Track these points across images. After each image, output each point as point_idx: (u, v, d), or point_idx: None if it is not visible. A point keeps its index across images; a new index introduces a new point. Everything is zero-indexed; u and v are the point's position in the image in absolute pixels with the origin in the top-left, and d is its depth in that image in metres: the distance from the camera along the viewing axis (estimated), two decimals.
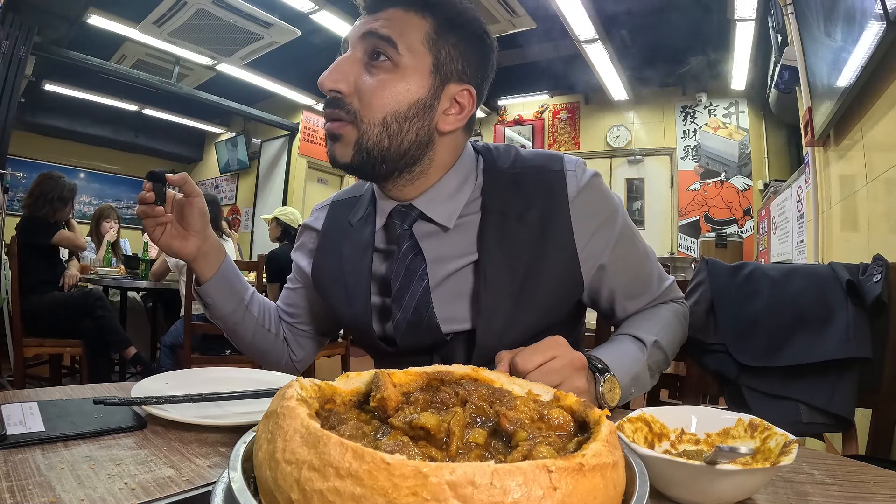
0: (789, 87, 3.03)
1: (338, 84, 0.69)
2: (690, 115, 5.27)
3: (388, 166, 0.71)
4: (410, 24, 0.69)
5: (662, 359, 0.80)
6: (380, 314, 0.79)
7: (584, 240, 0.75)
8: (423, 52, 0.69)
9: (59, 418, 0.54)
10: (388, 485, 0.23)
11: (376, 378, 0.37)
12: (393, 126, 0.69)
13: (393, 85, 0.68)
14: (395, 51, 0.68)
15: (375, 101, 0.68)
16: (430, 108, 0.71)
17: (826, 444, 1.39)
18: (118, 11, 4.17)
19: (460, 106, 0.73)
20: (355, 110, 0.69)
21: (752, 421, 0.50)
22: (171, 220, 0.77)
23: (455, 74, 0.72)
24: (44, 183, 2.81)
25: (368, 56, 0.69)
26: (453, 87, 0.72)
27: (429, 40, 0.70)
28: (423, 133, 0.71)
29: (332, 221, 0.89)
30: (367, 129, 0.68)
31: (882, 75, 1.67)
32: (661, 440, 0.51)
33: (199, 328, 2.54)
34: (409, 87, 0.69)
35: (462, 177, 0.77)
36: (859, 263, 1.07)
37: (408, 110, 0.69)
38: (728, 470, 0.40)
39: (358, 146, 0.69)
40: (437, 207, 0.75)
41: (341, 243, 0.84)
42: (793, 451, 0.43)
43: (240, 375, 0.76)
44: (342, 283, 0.81)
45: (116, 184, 7.53)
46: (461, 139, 0.78)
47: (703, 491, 0.43)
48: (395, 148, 0.70)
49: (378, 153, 0.70)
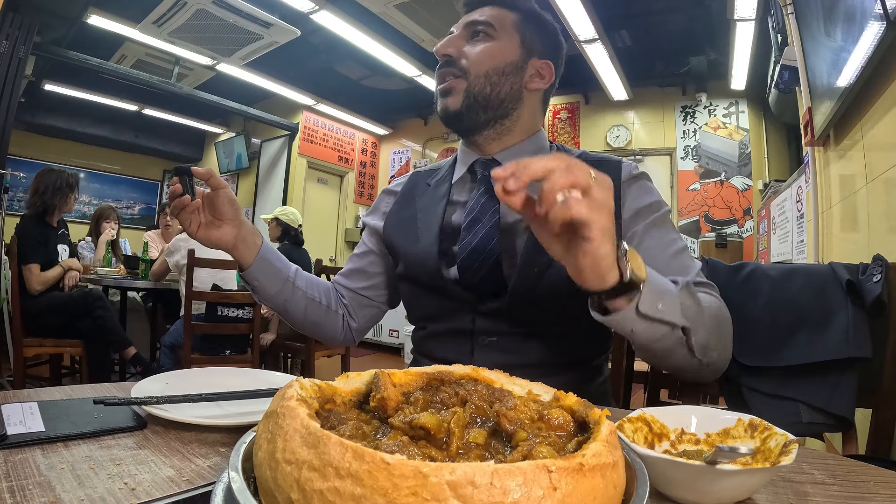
0: (789, 87, 3.03)
1: (448, 49, 0.88)
2: (690, 115, 5.26)
3: (488, 113, 0.88)
4: (501, 14, 0.89)
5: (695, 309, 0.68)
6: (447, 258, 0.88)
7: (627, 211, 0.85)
8: (513, 31, 0.89)
9: (59, 418, 0.54)
10: (388, 485, 0.23)
11: (376, 378, 0.37)
12: (494, 77, 0.86)
13: (492, 49, 0.87)
14: (492, 28, 0.88)
15: (481, 58, 0.87)
16: (521, 69, 0.89)
17: (826, 444, 1.39)
18: (118, 11, 4.17)
19: (542, 75, 0.91)
20: (464, 67, 0.87)
21: (752, 421, 0.49)
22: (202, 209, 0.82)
23: (537, 51, 0.91)
24: (45, 176, 2.82)
25: (470, 35, 0.89)
26: (537, 61, 0.90)
27: (516, 24, 0.89)
28: (516, 87, 0.89)
29: (411, 185, 1.02)
30: (475, 79, 0.86)
31: (882, 75, 1.67)
32: (661, 440, 0.50)
33: (199, 328, 2.54)
34: (504, 51, 0.87)
35: (538, 146, 0.93)
36: (859, 263, 1.07)
37: (504, 67, 0.87)
38: (728, 470, 0.40)
39: (466, 94, 0.86)
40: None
41: (417, 199, 0.97)
42: (793, 450, 0.43)
43: (240, 375, 0.76)
44: (412, 228, 0.93)
45: (116, 184, 7.53)
46: (538, 111, 0.95)
47: (703, 491, 0.42)
48: (495, 96, 0.87)
49: (482, 99, 0.86)
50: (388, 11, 3.84)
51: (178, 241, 2.96)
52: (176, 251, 2.90)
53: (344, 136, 6.85)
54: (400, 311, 1.08)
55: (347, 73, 5.57)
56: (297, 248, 3.43)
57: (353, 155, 6.94)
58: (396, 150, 6.98)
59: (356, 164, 6.96)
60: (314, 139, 6.51)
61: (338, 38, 4.24)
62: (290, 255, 3.17)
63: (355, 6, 3.82)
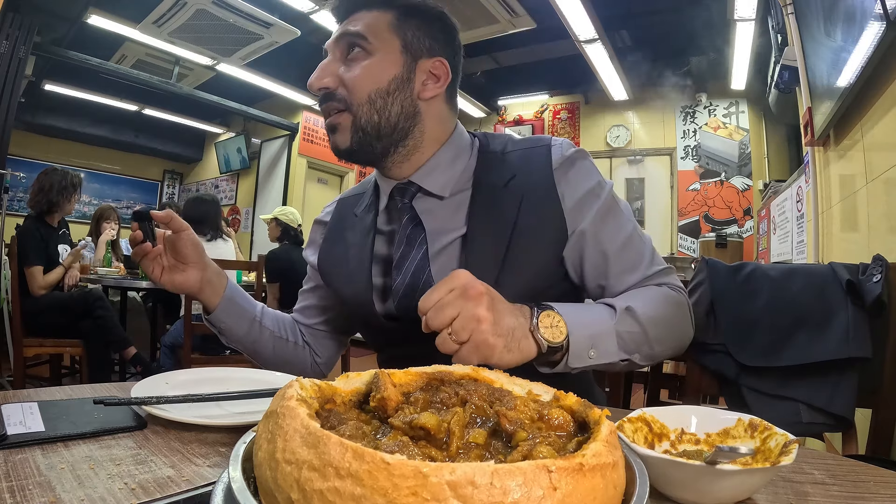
0: (789, 87, 3.03)
1: (323, 81, 0.78)
2: (690, 115, 5.27)
3: (384, 142, 0.79)
4: (375, 18, 0.78)
5: (638, 331, 0.72)
6: (381, 293, 0.83)
7: (569, 203, 0.79)
8: (391, 37, 0.78)
9: (59, 418, 0.54)
10: (388, 485, 0.23)
11: (376, 378, 0.37)
12: (378, 102, 0.77)
13: (370, 68, 0.77)
14: (365, 41, 0.77)
15: (358, 83, 0.76)
16: (408, 80, 0.78)
17: (826, 444, 1.39)
18: (118, 11, 4.17)
19: (436, 76, 0.81)
20: (344, 97, 0.77)
21: (752, 421, 0.49)
22: (164, 253, 0.80)
23: (424, 51, 0.80)
24: (49, 175, 2.83)
25: (344, 53, 0.79)
26: (426, 63, 0.80)
27: (393, 27, 0.78)
28: (408, 103, 0.79)
29: (339, 216, 0.95)
30: (358, 109, 0.77)
31: (882, 75, 1.67)
32: (661, 440, 0.51)
33: (199, 328, 2.53)
34: (384, 66, 0.77)
35: (455, 152, 0.84)
36: (859, 263, 1.07)
37: (388, 85, 0.77)
38: (728, 470, 0.40)
39: (354, 128, 0.78)
40: (433, 179, 0.82)
41: (346, 233, 0.91)
42: (793, 450, 0.43)
43: (240, 375, 0.76)
44: (345, 266, 0.87)
45: (116, 184, 7.53)
46: (446, 112, 0.84)
47: (703, 491, 0.42)
48: (385, 121, 0.77)
49: (371, 129, 0.77)
50: None
51: None
52: None
53: None
54: None
55: None
56: (297, 247, 3.43)
57: None
58: None
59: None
60: (314, 139, 6.50)
61: None
62: (290, 255, 3.16)
63: None
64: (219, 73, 5.15)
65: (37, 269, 2.65)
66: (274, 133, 6.58)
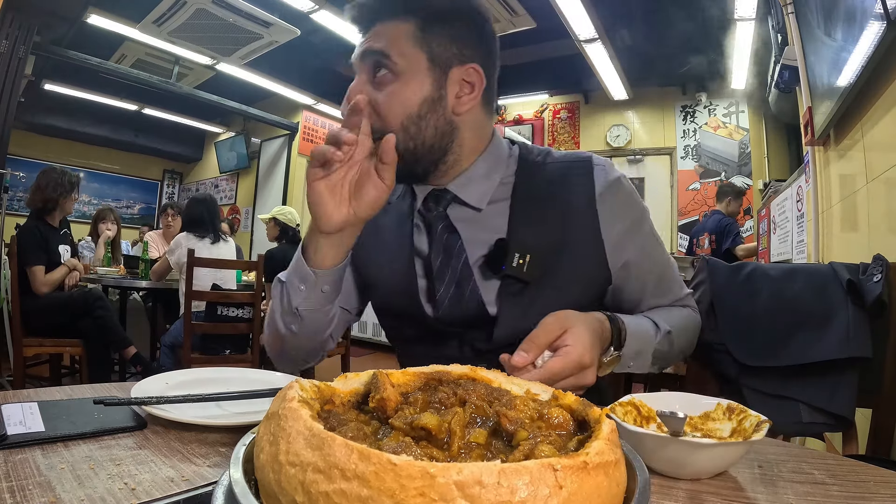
0: (789, 86, 3.03)
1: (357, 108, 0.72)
2: (690, 114, 5.27)
3: (423, 163, 0.76)
4: (396, 31, 0.73)
5: (667, 350, 0.79)
6: (426, 294, 0.80)
7: (612, 235, 0.78)
8: (416, 52, 0.73)
9: (59, 418, 0.53)
10: (396, 486, 0.23)
11: (375, 379, 0.37)
12: (411, 128, 0.73)
13: (399, 93, 0.72)
14: (390, 60, 0.72)
15: (388, 113, 0.72)
16: (440, 99, 0.74)
17: (826, 444, 1.39)
18: (118, 11, 4.17)
19: (470, 85, 0.76)
20: (377, 127, 0.72)
21: (730, 405, 0.54)
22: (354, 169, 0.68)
23: (454, 59, 0.75)
24: (47, 174, 2.84)
25: (372, 73, 0.74)
26: (457, 72, 0.75)
27: (417, 40, 0.73)
28: (442, 123, 0.75)
29: None
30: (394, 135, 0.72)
31: (882, 75, 1.67)
32: (648, 423, 0.54)
33: (199, 328, 2.54)
34: (413, 88, 0.72)
35: (493, 161, 0.81)
36: (859, 263, 1.07)
37: (419, 109, 0.73)
38: (701, 443, 0.45)
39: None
40: (470, 190, 0.79)
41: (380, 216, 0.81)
42: (764, 428, 0.47)
43: (240, 375, 0.76)
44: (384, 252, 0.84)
45: (116, 183, 7.53)
46: (483, 119, 0.81)
47: (680, 463, 0.47)
48: (421, 146, 0.74)
49: (409, 156, 0.73)
50: None
51: (179, 238, 2.96)
52: (177, 248, 2.91)
53: None
54: None
55: (347, 73, 5.54)
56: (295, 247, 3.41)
57: None
58: None
59: None
60: (314, 139, 6.50)
61: (338, 38, 4.24)
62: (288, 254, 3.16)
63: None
64: (218, 72, 5.15)
65: (38, 268, 2.66)
66: (274, 133, 6.58)
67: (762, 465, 0.52)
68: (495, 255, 0.76)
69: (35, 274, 2.64)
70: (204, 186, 7.68)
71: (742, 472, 0.50)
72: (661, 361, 0.80)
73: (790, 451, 0.57)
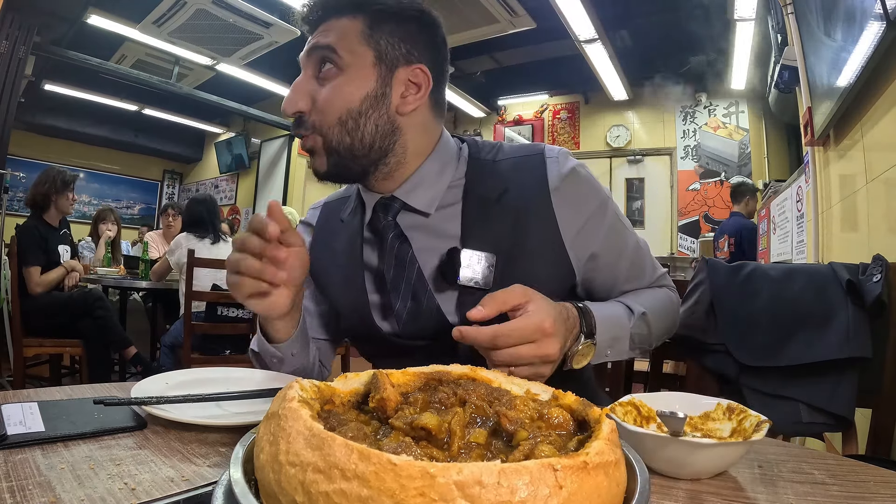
0: (789, 86, 3.03)
1: (297, 105, 0.72)
2: (690, 114, 5.27)
3: (361, 161, 0.74)
4: (345, 28, 0.72)
5: (646, 333, 0.77)
6: (381, 310, 0.79)
7: (572, 229, 0.75)
8: (363, 49, 0.72)
9: (59, 418, 0.53)
10: (396, 486, 0.23)
11: (375, 378, 0.37)
12: (349, 123, 0.71)
13: (341, 88, 0.71)
14: (336, 55, 0.71)
15: (328, 107, 0.71)
16: (384, 96, 0.72)
17: (826, 444, 1.39)
18: (118, 11, 4.17)
19: (416, 86, 0.74)
20: (314, 122, 0.72)
21: (730, 405, 0.54)
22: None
23: (401, 59, 0.73)
24: (45, 172, 2.85)
25: (317, 69, 0.73)
26: (403, 72, 0.73)
27: (365, 37, 0.72)
28: (383, 122, 0.73)
29: (324, 220, 0.90)
30: (328, 131, 0.72)
31: (882, 75, 1.67)
32: (648, 423, 0.54)
33: (199, 328, 2.54)
34: (355, 84, 0.71)
35: (441, 163, 0.79)
36: (859, 263, 1.07)
37: (360, 105, 0.71)
38: (701, 443, 0.45)
39: (328, 151, 0.73)
40: (418, 195, 0.77)
41: (333, 240, 0.86)
42: (764, 428, 0.47)
43: (240, 375, 0.76)
44: (337, 273, 0.83)
45: (116, 183, 7.53)
46: (430, 122, 0.78)
47: (680, 463, 0.47)
48: (359, 142, 0.72)
49: (345, 151, 0.72)
50: None
51: (179, 239, 2.96)
52: (177, 248, 2.91)
53: None
54: None
55: None
56: None
57: None
58: None
59: None
60: None
61: None
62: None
63: None
64: (218, 72, 5.16)
65: (34, 269, 2.65)
66: (274, 133, 6.59)
67: (762, 465, 0.52)
68: (448, 264, 0.73)
69: (31, 274, 2.64)
70: (204, 186, 7.68)
71: (742, 472, 0.50)
72: (641, 345, 0.77)
73: (790, 451, 0.57)
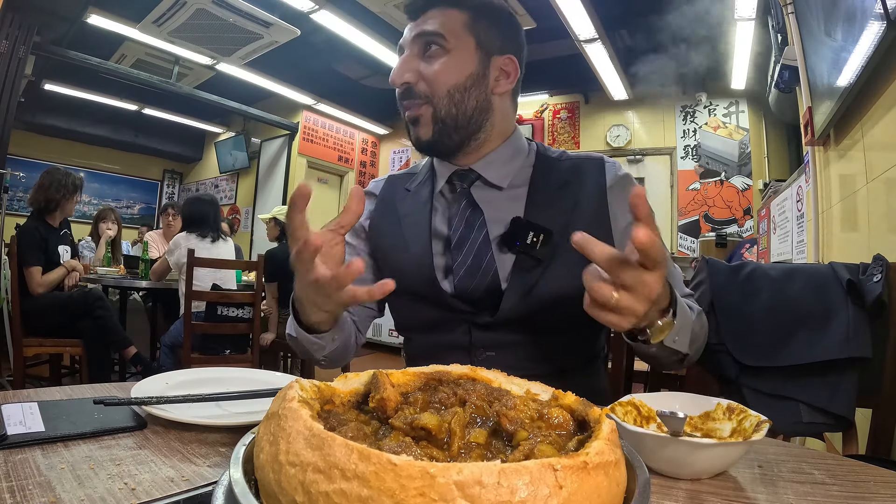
0: (789, 86, 3.03)
1: (404, 77, 0.83)
2: (690, 114, 5.26)
3: (461, 133, 0.84)
4: (450, 17, 0.83)
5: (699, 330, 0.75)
6: (443, 271, 0.85)
7: (620, 224, 0.84)
8: (466, 36, 0.83)
9: (59, 418, 0.53)
10: (396, 486, 0.23)
11: (375, 379, 0.37)
12: (457, 96, 0.82)
13: (448, 64, 0.82)
14: (443, 40, 0.82)
15: (438, 78, 0.82)
16: (483, 77, 0.84)
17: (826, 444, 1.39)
18: (118, 11, 4.16)
19: (507, 73, 0.87)
20: (424, 91, 0.82)
21: (730, 405, 0.54)
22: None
23: (496, 48, 0.85)
24: (51, 173, 2.85)
25: (422, 50, 0.83)
26: (498, 59, 0.86)
27: (468, 26, 0.83)
28: (482, 98, 0.84)
29: (389, 190, 0.98)
30: (438, 102, 0.82)
31: (882, 75, 1.67)
32: (648, 423, 0.54)
33: (199, 328, 2.54)
34: (461, 63, 0.82)
35: (514, 149, 0.90)
36: (859, 263, 1.07)
37: (465, 81, 0.83)
38: (701, 443, 0.45)
39: (434, 120, 0.83)
40: (493, 170, 0.87)
41: (398, 204, 0.94)
42: (764, 428, 0.47)
43: (240, 375, 0.76)
44: (399, 234, 0.89)
45: (116, 183, 7.53)
46: (510, 111, 0.91)
47: (681, 463, 0.47)
48: (462, 114, 0.83)
49: (451, 121, 0.83)
50: (388, 11, 3.83)
51: (178, 238, 2.96)
52: (176, 248, 2.91)
53: (344, 135, 6.85)
54: None
55: (347, 73, 5.57)
56: None
57: (352, 154, 6.94)
58: (396, 150, 6.98)
59: (356, 163, 6.96)
60: (314, 139, 6.50)
61: (338, 38, 4.24)
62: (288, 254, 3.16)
63: (355, 6, 3.81)
64: (218, 72, 5.15)
65: (35, 269, 2.66)
66: (274, 133, 6.58)
67: (762, 465, 0.52)
68: (511, 232, 0.82)
69: (32, 274, 2.64)
70: (204, 186, 7.68)
71: (742, 472, 0.50)
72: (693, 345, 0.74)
73: (790, 451, 0.57)
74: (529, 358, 0.84)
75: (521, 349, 0.83)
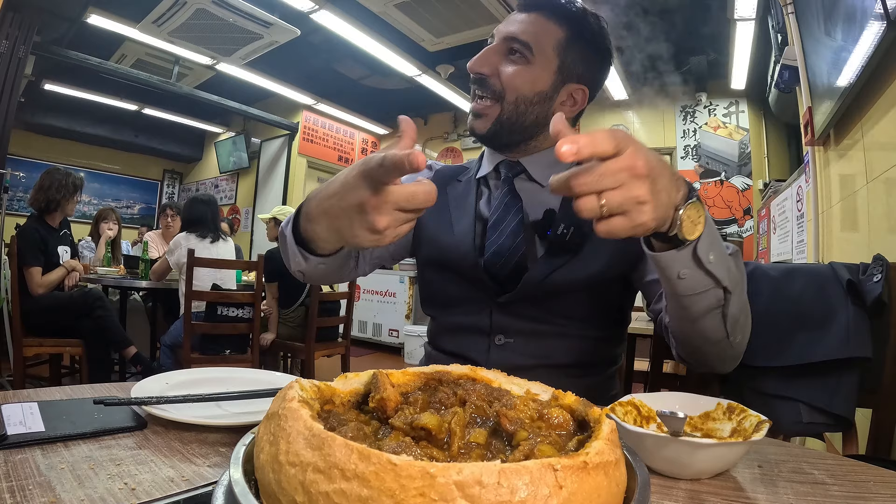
0: (789, 86, 3.03)
1: (482, 68, 0.85)
2: (690, 114, 5.26)
3: (514, 137, 0.88)
4: (547, 30, 0.85)
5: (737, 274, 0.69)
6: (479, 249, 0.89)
7: None
8: (553, 56, 0.85)
9: (59, 418, 0.53)
10: (396, 486, 0.23)
11: (375, 378, 0.37)
12: (521, 107, 0.85)
13: (523, 74, 0.84)
14: (529, 52, 0.84)
15: (512, 82, 0.84)
16: (550, 98, 0.86)
17: (826, 444, 1.39)
18: (118, 11, 4.16)
19: (574, 100, 0.89)
20: (497, 90, 0.85)
21: (730, 405, 0.55)
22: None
23: (575, 76, 0.87)
24: (52, 174, 2.85)
25: (507, 51, 0.85)
26: (572, 86, 0.87)
27: (559, 47, 0.85)
28: (542, 117, 0.87)
29: (439, 178, 1.00)
30: (506, 105, 0.85)
31: (882, 75, 1.67)
32: (648, 423, 0.54)
33: (199, 328, 2.54)
34: (536, 79, 0.84)
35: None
36: (859, 263, 1.07)
37: (532, 97, 0.85)
38: (701, 443, 0.45)
39: (496, 120, 0.86)
40: (539, 169, 0.91)
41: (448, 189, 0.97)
42: (764, 428, 0.47)
43: (240, 375, 0.76)
44: (446, 215, 0.94)
45: (116, 183, 7.53)
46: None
47: (681, 463, 0.47)
48: (520, 124, 0.86)
49: (509, 126, 0.87)
50: (388, 11, 3.83)
51: (178, 238, 2.96)
52: (176, 248, 2.91)
53: (344, 135, 6.85)
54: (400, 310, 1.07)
55: (347, 73, 5.57)
56: None
57: (353, 154, 6.94)
58: None
59: None
60: (314, 139, 6.50)
61: (338, 38, 4.24)
62: None
63: (355, 6, 3.81)
64: (218, 72, 5.15)
65: (35, 269, 2.66)
66: (274, 133, 6.58)
67: (762, 465, 0.52)
68: (544, 221, 0.87)
69: (32, 275, 2.64)
70: (204, 186, 7.68)
71: (742, 472, 0.50)
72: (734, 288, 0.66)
73: (790, 451, 0.57)
74: (545, 350, 0.86)
75: (538, 340, 0.86)
